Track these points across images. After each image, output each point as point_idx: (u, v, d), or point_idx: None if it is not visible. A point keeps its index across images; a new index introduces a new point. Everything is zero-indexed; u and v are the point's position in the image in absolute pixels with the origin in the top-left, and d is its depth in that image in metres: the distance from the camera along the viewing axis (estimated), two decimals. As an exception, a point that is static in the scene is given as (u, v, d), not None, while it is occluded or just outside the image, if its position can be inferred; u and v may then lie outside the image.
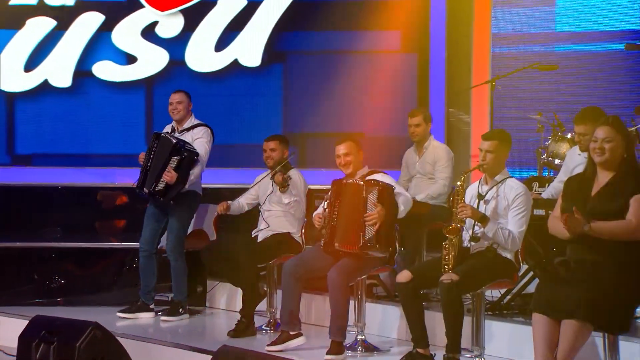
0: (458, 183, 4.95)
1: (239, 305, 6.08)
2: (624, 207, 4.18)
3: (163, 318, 6.44)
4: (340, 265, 5.31)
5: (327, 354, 5.25)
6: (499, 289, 5.48)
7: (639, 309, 4.90)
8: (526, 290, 5.71)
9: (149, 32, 8.01)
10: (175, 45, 8.01)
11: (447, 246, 4.85)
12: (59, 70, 8.03)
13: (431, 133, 6.50)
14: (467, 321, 4.92)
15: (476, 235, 4.90)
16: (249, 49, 7.97)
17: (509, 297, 5.71)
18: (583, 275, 4.18)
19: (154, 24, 8.02)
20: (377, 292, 6.32)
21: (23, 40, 8.03)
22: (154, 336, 5.99)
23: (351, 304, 5.43)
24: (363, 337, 5.52)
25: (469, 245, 4.95)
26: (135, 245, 6.62)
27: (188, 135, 6.45)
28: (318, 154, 7.83)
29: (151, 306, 6.54)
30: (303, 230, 6.14)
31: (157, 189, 6.29)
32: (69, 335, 4.64)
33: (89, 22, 8.03)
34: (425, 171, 6.40)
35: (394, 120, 7.66)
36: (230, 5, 8.00)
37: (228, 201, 6.24)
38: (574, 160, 5.49)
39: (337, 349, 5.27)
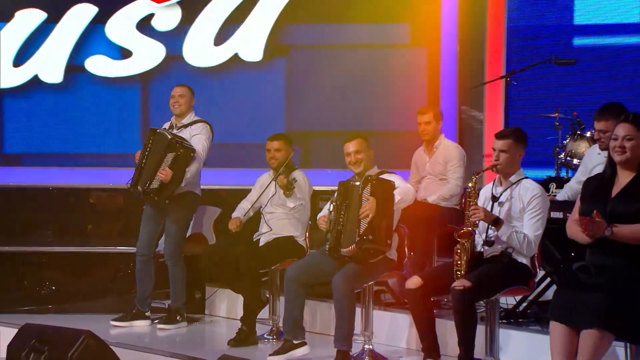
0: (470, 184, 4.95)
1: (240, 313, 6.09)
2: (646, 209, 4.18)
3: (160, 326, 6.45)
4: (346, 270, 5.32)
5: (333, 364, 5.26)
6: (514, 295, 5.48)
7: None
8: (543, 297, 5.72)
9: (144, 25, 8.01)
10: (173, 38, 8.01)
11: (459, 251, 4.85)
12: (49, 65, 8.02)
13: (442, 131, 6.51)
14: (481, 330, 4.92)
15: (490, 239, 4.90)
16: (250, 43, 7.96)
17: (524, 305, 5.71)
18: (603, 281, 4.18)
19: (150, 16, 8.02)
20: (385, 299, 6.33)
21: (12, 34, 8.03)
22: (150, 345, 6.00)
23: (358, 311, 5.43)
24: (370, 347, 5.52)
25: (482, 250, 4.95)
26: (131, 249, 6.64)
27: (186, 132, 6.47)
28: (323, 154, 7.83)
29: (147, 314, 6.55)
30: (307, 234, 6.15)
31: (151, 187, 6.30)
32: (61, 345, 4.65)
33: (82, 15, 8.03)
34: (436, 172, 6.41)
35: (402, 118, 7.66)
36: (231, -4, 8.00)
37: (237, 215, 6.24)
38: (593, 159, 5.50)
39: (343, 358, 5.27)
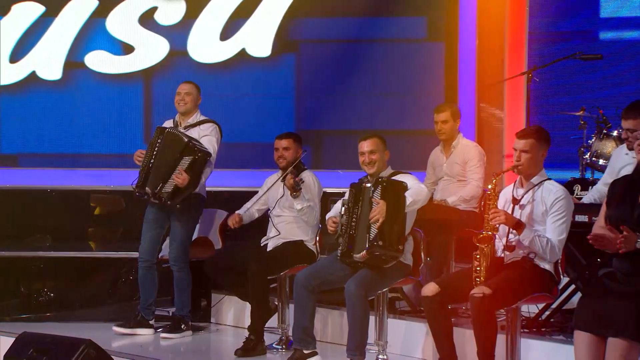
0: (490, 186, 4.95)
1: (247, 321, 6.10)
2: (677, 213, 4.18)
3: (163, 335, 6.46)
4: (359, 276, 5.32)
5: (345, 375, 5.27)
6: (536, 303, 5.47)
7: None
8: (567, 305, 5.70)
9: (147, 19, 8.04)
10: (177, 33, 8.04)
11: (478, 256, 4.84)
12: (47, 61, 8.06)
13: (460, 130, 6.50)
14: (501, 340, 4.91)
15: (510, 244, 4.90)
16: (258, 38, 7.98)
17: (547, 313, 5.70)
18: (632, 288, 4.17)
19: (153, 9, 8.05)
20: (400, 307, 6.32)
21: (8, 28, 8.07)
22: (153, 355, 6.00)
23: (371, 319, 5.43)
24: (385, 357, 5.53)
25: (503, 255, 4.94)
26: (133, 254, 6.65)
27: (194, 132, 6.47)
28: (334, 154, 7.84)
29: (150, 322, 6.56)
30: (317, 238, 6.16)
31: (164, 190, 6.30)
32: (60, 354, 4.67)
33: (81, 8, 8.06)
34: (454, 173, 6.41)
35: (418, 117, 7.66)
36: (237, -11, 8.03)
37: (238, 212, 6.26)
38: (620, 160, 5.48)
39: (356, 369, 5.28)
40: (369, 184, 5.42)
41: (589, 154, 6.27)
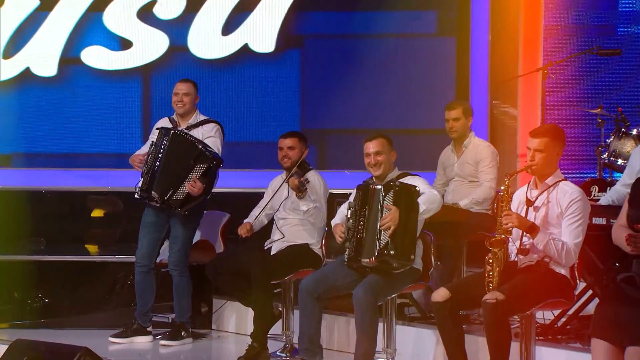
0: (503, 187, 4.95)
1: (250, 328, 6.11)
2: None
3: (163, 343, 6.47)
4: (367, 282, 5.33)
5: (352, 384, 5.28)
6: (551, 309, 5.47)
7: None
8: (584, 312, 5.70)
9: (145, 13, 8.05)
10: (176, 28, 8.04)
11: (491, 260, 4.85)
12: (42, 56, 8.07)
13: (472, 129, 6.50)
14: (515, 347, 4.91)
15: (524, 248, 4.90)
16: (261, 32, 7.99)
17: (563, 320, 5.70)
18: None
19: (152, 3, 8.06)
20: (410, 313, 6.33)
21: (1, 23, 8.09)
22: (152, 363, 6.04)
23: (380, 326, 5.43)
24: (393, 365, 5.54)
25: (517, 259, 4.95)
26: (131, 258, 6.66)
27: (197, 133, 6.45)
28: (340, 154, 7.84)
29: (149, 329, 6.57)
30: (323, 241, 6.16)
31: (175, 198, 6.30)
32: (55, 362, 4.69)
33: (77, 2, 8.07)
34: (465, 173, 6.41)
35: (428, 114, 7.66)
36: (240, -18, 8.04)
37: (247, 220, 6.27)
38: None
39: (364, 378, 5.29)
40: (379, 186, 5.43)
41: (607, 154, 6.27)
